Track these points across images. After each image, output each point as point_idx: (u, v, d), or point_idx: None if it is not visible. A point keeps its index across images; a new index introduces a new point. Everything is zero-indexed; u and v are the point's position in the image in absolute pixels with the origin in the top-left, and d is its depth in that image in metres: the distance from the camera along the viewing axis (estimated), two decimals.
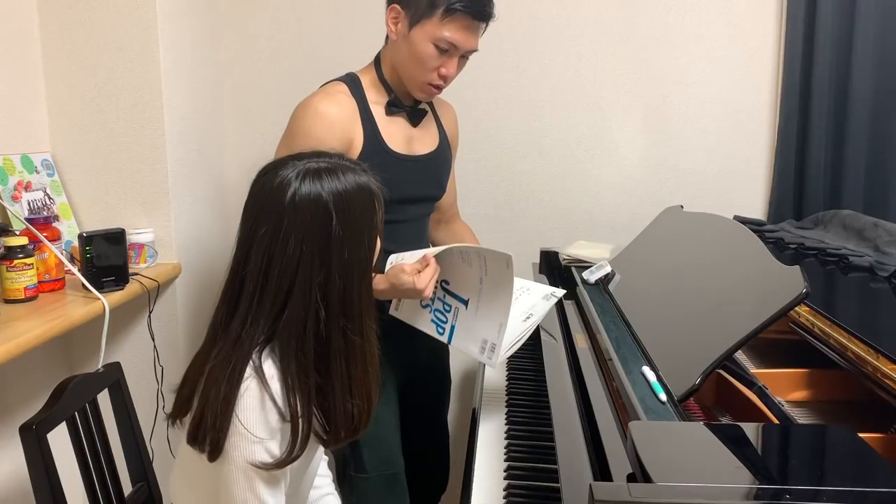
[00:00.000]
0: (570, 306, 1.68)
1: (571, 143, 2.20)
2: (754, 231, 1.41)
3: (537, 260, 2.01)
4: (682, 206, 1.87)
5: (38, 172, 1.86)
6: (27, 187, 1.80)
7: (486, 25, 1.56)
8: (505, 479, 1.30)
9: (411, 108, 1.63)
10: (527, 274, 2.11)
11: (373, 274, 1.17)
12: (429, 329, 1.45)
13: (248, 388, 1.03)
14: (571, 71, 2.17)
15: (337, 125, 1.51)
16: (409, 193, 1.64)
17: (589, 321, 1.50)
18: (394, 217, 1.37)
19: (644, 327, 1.38)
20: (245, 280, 1.07)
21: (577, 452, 1.05)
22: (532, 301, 1.46)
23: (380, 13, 2.17)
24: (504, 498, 1.25)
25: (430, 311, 1.45)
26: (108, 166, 1.95)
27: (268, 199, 1.07)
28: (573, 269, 1.86)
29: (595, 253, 1.94)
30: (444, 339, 1.43)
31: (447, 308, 1.41)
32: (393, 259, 1.45)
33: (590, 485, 0.80)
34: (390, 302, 1.52)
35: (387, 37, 1.60)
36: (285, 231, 1.04)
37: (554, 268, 1.97)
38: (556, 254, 2.00)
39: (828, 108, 2.06)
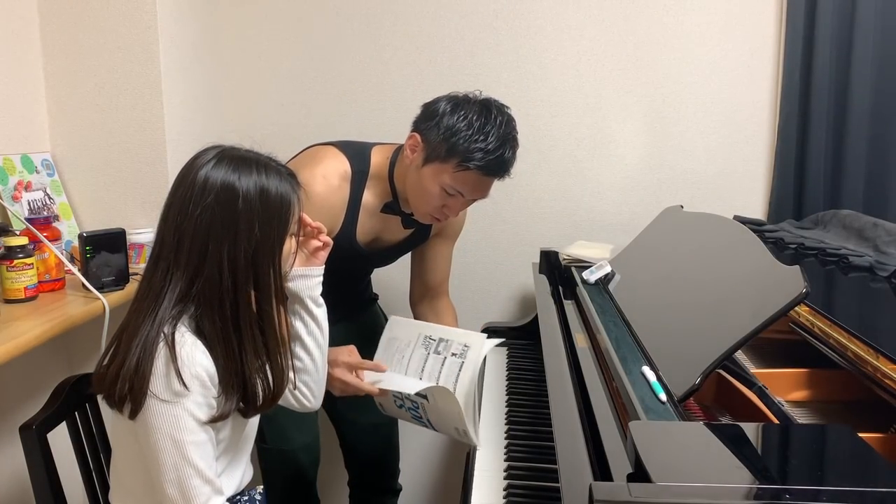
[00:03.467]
0: (570, 306, 1.68)
1: (571, 143, 2.20)
2: (754, 231, 1.41)
3: (537, 260, 2.01)
4: (682, 206, 1.87)
5: (38, 172, 1.86)
6: (27, 187, 1.80)
7: (503, 178, 1.54)
8: (505, 479, 1.30)
9: (408, 215, 1.62)
10: (527, 274, 2.12)
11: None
12: (416, 424, 1.52)
13: (161, 352, 1.08)
14: (571, 71, 2.17)
15: (323, 209, 1.50)
16: (356, 268, 1.75)
17: (589, 321, 1.50)
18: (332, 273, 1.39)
19: (644, 327, 1.38)
20: (164, 236, 1.15)
21: (577, 452, 1.05)
22: (455, 349, 1.50)
23: (380, 14, 2.19)
24: (504, 498, 1.25)
25: (406, 410, 1.51)
26: (108, 166, 1.95)
27: (188, 169, 1.16)
28: (573, 269, 1.86)
29: (595, 253, 1.94)
30: (430, 429, 1.50)
31: (415, 405, 1.47)
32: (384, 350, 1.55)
33: (590, 485, 0.80)
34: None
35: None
36: (195, 200, 1.12)
37: (554, 268, 1.97)
38: (556, 254, 2.00)
39: (828, 108, 2.05)
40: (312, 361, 1.34)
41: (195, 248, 1.12)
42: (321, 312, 1.34)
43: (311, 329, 1.33)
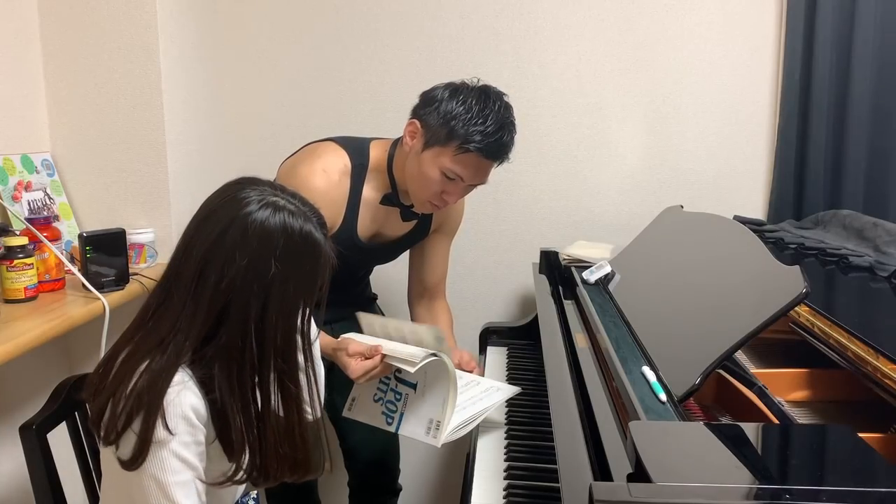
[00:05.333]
0: (570, 306, 1.68)
1: (571, 143, 2.20)
2: (754, 231, 1.41)
3: (537, 260, 2.01)
4: (682, 206, 1.87)
5: (38, 172, 1.86)
6: (27, 187, 1.80)
7: (501, 163, 1.54)
8: (505, 479, 1.30)
9: (407, 207, 1.62)
10: (527, 274, 2.12)
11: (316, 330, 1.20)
12: (378, 422, 1.50)
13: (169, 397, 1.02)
14: (571, 71, 2.17)
15: (324, 204, 1.47)
16: (356, 264, 1.72)
17: (589, 321, 1.50)
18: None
19: (644, 327, 1.38)
20: (181, 276, 1.06)
21: (577, 452, 1.05)
22: (485, 386, 1.51)
23: (380, 14, 2.19)
24: (504, 498, 1.25)
25: (382, 404, 1.49)
26: (108, 166, 1.95)
27: (221, 208, 1.06)
28: (573, 269, 1.86)
29: (595, 253, 1.94)
30: (391, 428, 1.47)
31: (398, 397, 1.46)
32: (364, 324, 1.50)
33: (590, 485, 0.80)
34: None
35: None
36: (227, 247, 1.03)
37: (554, 268, 1.97)
38: (556, 254, 2.00)
39: (828, 108, 2.05)
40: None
41: (216, 301, 1.03)
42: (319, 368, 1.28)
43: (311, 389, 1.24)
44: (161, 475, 1.04)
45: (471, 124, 1.45)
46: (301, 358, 1.12)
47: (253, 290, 1.04)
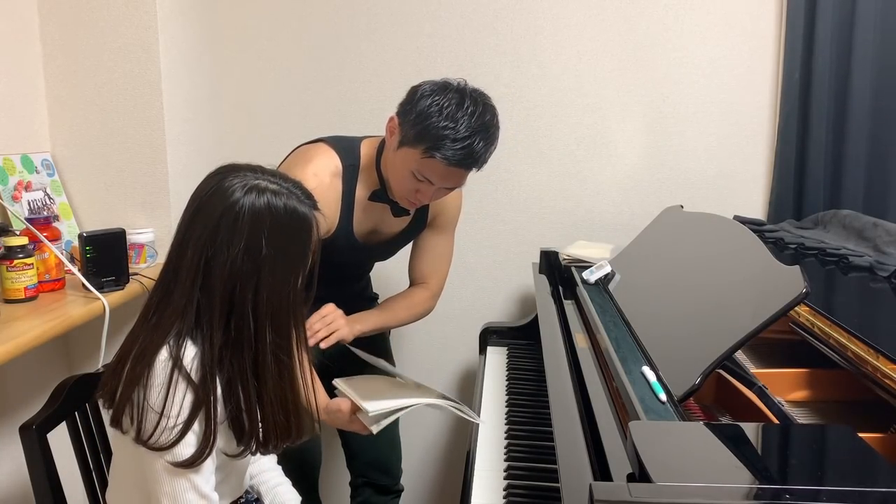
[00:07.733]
0: (570, 306, 1.68)
1: (571, 143, 2.20)
2: (754, 231, 1.41)
3: (537, 260, 2.01)
4: (682, 206, 1.87)
5: (38, 172, 1.86)
6: (27, 187, 1.80)
7: (478, 169, 1.49)
8: (505, 479, 1.30)
9: (396, 202, 1.59)
10: (527, 274, 2.12)
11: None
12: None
13: (167, 374, 1.04)
14: (571, 71, 2.17)
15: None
16: (355, 262, 1.73)
17: (589, 321, 1.50)
18: (332, 269, 1.37)
19: (644, 327, 1.38)
20: (180, 272, 1.08)
21: (577, 452, 1.05)
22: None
23: (379, 13, 2.19)
24: (504, 498, 1.25)
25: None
26: (108, 166, 1.95)
27: (209, 200, 1.09)
28: (573, 269, 1.86)
29: (595, 253, 1.94)
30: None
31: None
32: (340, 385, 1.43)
33: (590, 485, 0.80)
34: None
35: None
36: (220, 239, 1.06)
37: (554, 268, 1.97)
38: (556, 254, 2.00)
39: (828, 108, 2.05)
40: None
41: (217, 291, 1.06)
42: None
43: None
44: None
45: (440, 129, 1.40)
46: (293, 328, 1.13)
47: (248, 272, 1.07)
